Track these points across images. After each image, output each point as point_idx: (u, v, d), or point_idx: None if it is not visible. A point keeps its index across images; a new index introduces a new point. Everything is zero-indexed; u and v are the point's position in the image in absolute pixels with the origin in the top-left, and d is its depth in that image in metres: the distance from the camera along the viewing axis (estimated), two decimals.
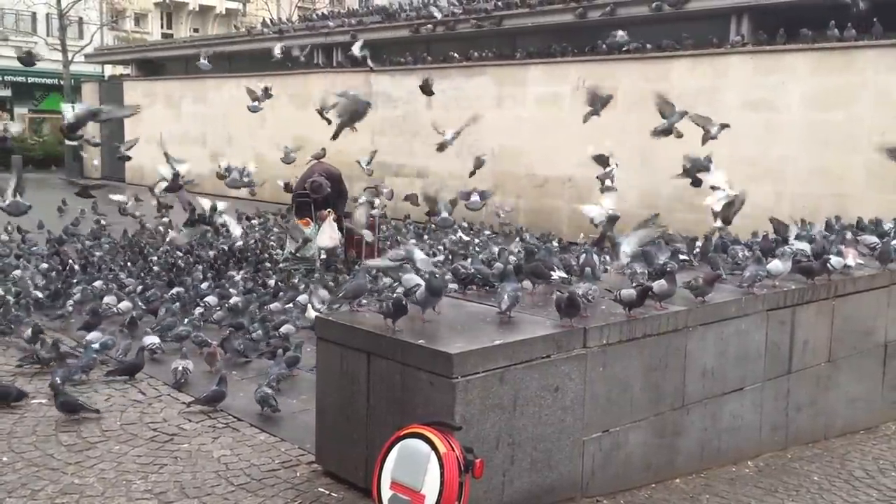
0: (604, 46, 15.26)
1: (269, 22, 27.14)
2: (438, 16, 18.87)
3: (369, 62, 10.66)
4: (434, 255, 9.74)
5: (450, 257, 10.25)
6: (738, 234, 7.39)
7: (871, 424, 6.57)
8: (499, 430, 4.02)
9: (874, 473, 5.51)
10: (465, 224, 14.24)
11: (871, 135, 11.78)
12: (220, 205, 9.07)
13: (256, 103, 11.35)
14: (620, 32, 13.93)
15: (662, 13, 15.29)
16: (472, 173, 9.42)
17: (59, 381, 5.43)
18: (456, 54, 18.53)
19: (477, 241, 12.55)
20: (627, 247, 5.34)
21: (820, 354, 6.01)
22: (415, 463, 3.61)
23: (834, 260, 5.92)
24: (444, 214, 7.76)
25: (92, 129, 28.58)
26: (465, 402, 3.86)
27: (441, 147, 8.94)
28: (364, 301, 4.91)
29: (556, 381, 4.25)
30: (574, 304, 4.37)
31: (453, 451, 3.59)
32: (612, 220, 5.97)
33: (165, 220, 11.43)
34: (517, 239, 12.12)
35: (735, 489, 4.98)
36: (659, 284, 4.85)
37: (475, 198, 8.16)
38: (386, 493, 3.69)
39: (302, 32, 22.89)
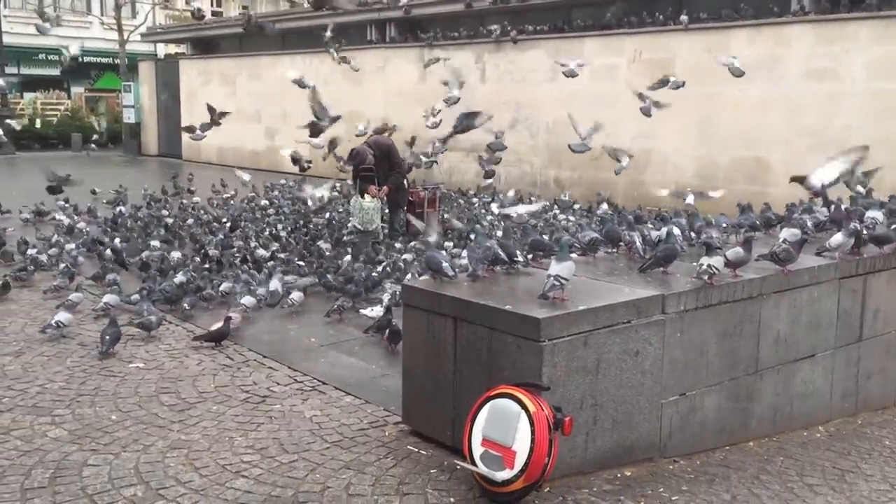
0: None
1: None
2: None
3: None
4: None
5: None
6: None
7: None
8: (582, 392, 4.20)
9: None
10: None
11: None
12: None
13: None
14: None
15: None
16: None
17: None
18: (510, 27, 18.52)
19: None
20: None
21: (891, 322, 6.07)
22: (505, 421, 3.81)
23: None
24: None
25: (150, 118, 28.94)
26: (551, 365, 4.04)
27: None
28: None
29: (637, 345, 4.41)
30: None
31: (542, 410, 3.78)
32: None
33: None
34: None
35: (808, 452, 5.09)
36: (734, 252, 4.96)
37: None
38: (477, 449, 3.90)
39: (355, 8, 22.97)
